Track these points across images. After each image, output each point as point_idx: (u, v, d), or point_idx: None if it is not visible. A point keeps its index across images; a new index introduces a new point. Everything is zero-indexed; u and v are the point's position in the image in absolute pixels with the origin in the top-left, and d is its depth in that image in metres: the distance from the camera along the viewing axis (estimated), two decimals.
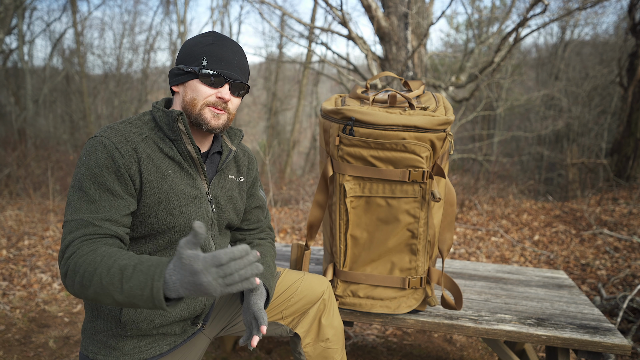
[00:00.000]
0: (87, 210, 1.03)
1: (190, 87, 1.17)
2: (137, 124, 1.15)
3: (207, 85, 1.16)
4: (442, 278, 1.62)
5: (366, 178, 1.49)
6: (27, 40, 12.23)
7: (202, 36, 1.19)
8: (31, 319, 2.69)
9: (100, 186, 1.05)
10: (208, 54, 1.16)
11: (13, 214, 5.02)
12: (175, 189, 1.14)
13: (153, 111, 1.18)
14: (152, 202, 1.11)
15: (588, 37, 12.41)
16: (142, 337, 1.17)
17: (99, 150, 1.06)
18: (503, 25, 6.43)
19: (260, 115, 17.41)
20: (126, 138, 1.10)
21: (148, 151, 1.12)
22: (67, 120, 12.83)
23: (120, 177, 1.07)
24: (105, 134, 1.09)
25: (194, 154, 1.17)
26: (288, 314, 1.44)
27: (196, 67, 1.16)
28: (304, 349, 1.44)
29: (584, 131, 10.20)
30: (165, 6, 14.98)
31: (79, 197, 1.05)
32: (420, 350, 2.37)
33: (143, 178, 1.10)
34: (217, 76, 1.16)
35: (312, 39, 6.39)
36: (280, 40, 13.81)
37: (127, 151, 1.08)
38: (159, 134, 1.15)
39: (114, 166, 1.06)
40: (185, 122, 1.14)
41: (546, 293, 1.92)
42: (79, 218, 1.02)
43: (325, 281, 1.50)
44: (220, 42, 1.18)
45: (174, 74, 1.20)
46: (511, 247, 4.12)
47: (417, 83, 1.75)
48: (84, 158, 1.07)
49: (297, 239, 4.42)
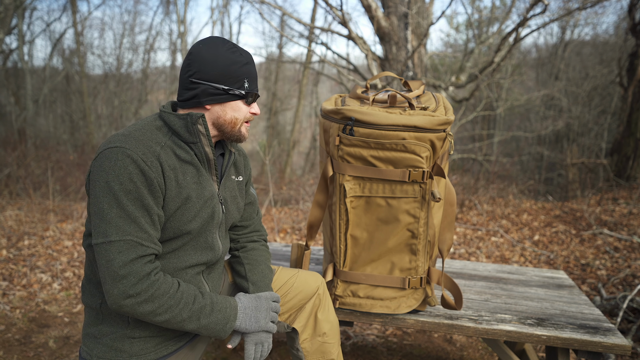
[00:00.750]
0: (133, 230, 1.05)
1: (232, 108, 1.21)
2: (152, 130, 1.14)
3: (248, 105, 1.23)
4: (442, 278, 1.62)
5: (366, 178, 1.49)
6: (27, 40, 12.24)
7: (232, 52, 1.19)
8: (31, 319, 2.69)
9: (137, 203, 1.06)
10: (248, 75, 1.20)
11: (13, 214, 5.02)
12: (192, 195, 1.15)
13: (164, 116, 1.17)
14: (172, 210, 1.12)
15: (588, 37, 12.43)
16: (150, 338, 1.18)
17: (128, 165, 1.04)
18: (503, 25, 6.43)
19: (260, 115, 17.42)
20: (149, 149, 1.09)
21: (168, 160, 1.12)
22: (67, 120, 12.83)
23: (153, 191, 1.08)
24: (127, 145, 1.06)
25: (211, 156, 1.19)
26: (285, 310, 1.46)
27: (241, 90, 1.20)
28: (302, 344, 1.46)
29: (584, 131, 10.20)
30: (165, 6, 14.99)
31: (119, 214, 1.04)
32: (420, 350, 2.37)
33: (166, 189, 1.11)
34: (256, 96, 1.24)
35: (312, 39, 6.39)
36: (280, 40, 13.81)
37: (153, 164, 1.08)
38: (173, 139, 1.15)
39: (146, 181, 1.06)
40: (206, 124, 1.16)
41: (546, 293, 1.92)
42: (129, 239, 1.04)
43: (319, 277, 1.53)
44: (250, 59, 1.22)
45: (211, 93, 1.18)
46: (511, 247, 4.12)
47: (417, 83, 1.75)
48: (112, 172, 1.04)
49: (297, 239, 4.42)
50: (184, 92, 1.19)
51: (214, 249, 1.25)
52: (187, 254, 1.20)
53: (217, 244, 1.26)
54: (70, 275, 3.32)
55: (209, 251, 1.24)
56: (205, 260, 1.24)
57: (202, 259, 1.22)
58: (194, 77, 1.17)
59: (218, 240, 1.27)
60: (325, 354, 1.46)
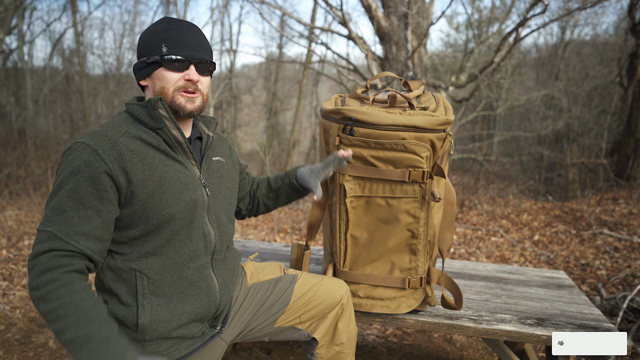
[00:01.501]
0: (57, 222, 1.03)
1: (157, 77, 1.16)
2: (116, 122, 1.14)
3: (173, 70, 1.16)
4: (442, 278, 1.62)
5: (366, 178, 1.49)
6: (27, 40, 12.24)
7: (156, 24, 1.18)
8: (31, 319, 2.69)
9: (73, 196, 1.04)
10: (166, 40, 1.15)
11: (13, 214, 5.03)
12: (166, 178, 1.13)
13: (128, 107, 1.17)
14: (146, 195, 1.10)
15: (588, 37, 12.43)
16: (161, 340, 1.15)
17: (75, 158, 1.05)
18: (503, 25, 6.43)
19: (260, 115, 17.42)
20: (104, 137, 1.08)
21: (130, 145, 1.10)
22: (67, 120, 12.83)
23: (97, 184, 1.05)
24: (82, 139, 1.08)
25: (180, 138, 1.16)
26: (306, 318, 1.43)
27: (157, 56, 1.15)
28: (317, 350, 1.44)
29: (584, 131, 10.21)
30: (165, 6, 14.98)
31: (53, 206, 1.04)
32: (420, 350, 2.37)
33: (130, 174, 1.08)
34: (180, 60, 1.15)
35: (312, 39, 6.39)
36: (280, 40, 13.81)
37: (105, 151, 1.06)
38: (139, 127, 1.14)
39: (89, 173, 1.04)
40: (166, 106, 1.13)
41: (546, 293, 1.92)
42: (49, 230, 1.02)
43: (344, 285, 1.50)
44: (176, 25, 1.17)
45: (138, 68, 1.19)
46: (511, 247, 4.12)
47: (417, 83, 1.75)
48: (61, 166, 1.07)
49: (297, 239, 4.42)
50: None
51: (204, 234, 1.21)
52: (181, 245, 1.16)
53: (206, 228, 1.22)
54: None
55: (200, 237, 1.19)
56: (201, 247, 1.19)
57: (197, 247, 1.18)
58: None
59: (208, 224, 1.22)
60: None
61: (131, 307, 1.12)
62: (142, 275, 1.12)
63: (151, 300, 1.13)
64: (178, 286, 1.16)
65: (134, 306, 1.12)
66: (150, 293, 1.13)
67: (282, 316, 1.42)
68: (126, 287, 1.12)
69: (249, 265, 1.50)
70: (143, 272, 1.13)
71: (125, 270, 1.12)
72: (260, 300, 1.42)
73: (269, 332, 1.44)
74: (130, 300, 1.12)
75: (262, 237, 4.61)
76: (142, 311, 1.11)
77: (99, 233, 1.06)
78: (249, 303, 1.41)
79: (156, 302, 1.14)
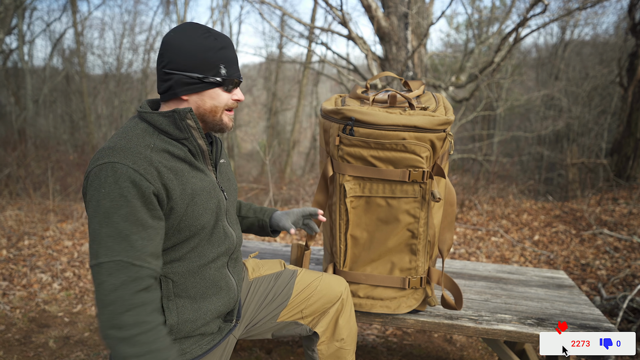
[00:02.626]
0: (123, 249, 0.99)
1: (209, 96, 1.16)
2: (137, 135, 1.09)
3: (227, 91, 1.18)
4: (442, 278, 1.62)
5: (366, 178, 1.49)
6: (27, 40, 12.24)
7: (205, 38, 1.12)
8: (31, 319, 2.69)
9: (131, 218, 1.01)
10: (224, 60, 1.14)
11: (13, 214, 5.02)
12: (196, 189, 1.14)
13: (146, 117, 1.12)
14: (183, 209, 1.10)
15: (588, 37, 12.42)
16: (185, 338, 1.18)
17: (118, 179, 1.00)
18: (503, 25, 6.43)
19: (260, 115, 17.42)
20: (139, 155, 1.04)
21: (163, 161, 1.08)
22: (67, 120, 12.83)
23: (149, 202, 1.03)
24: (115, 158, 1.02)
25: (204, 147, 1.17)
26: (308, 313, 1.45)
27: (216, 77, 1.14)
28: (318, 346, 1.45)
29: (584, 131, 10.20)
30: (165, 6, 14.98)
31: (108, 233, 0.99)
32: (420, 350, 2.37)
33: (169, 190, 1.07)
34: (233, 81, 1.18)
35: (312, 39, 6.39)
36: (280, 40, 13.81)
37: (147, 171, 1.03)
38: (162, 138, 1.11)
39: (139, 193, 1.01)
40: (194, 117, 1.13)
41: (546, 293, 1.92)
42: (118, 259, 0.98)
43: (344, 281, 1.52)
44: (226, 43, 1.16)
45: (185, 82, 1.12)
46: (511, 247, 4.12)
47: (417, 83, 1.75)
48: (102, 190, 1.00)
49: (297, 239, 4.42)
50: (160, 84, 1.15)
51: (228, 236, 1.25)
52: (205, 249, 1.19)
53: (229, 231, 1.26)
54: (70, 275, 3.32)
55: (224, 240, 1.24)
56: (224, 250, 1.24)
57: (220, 250, 1.22)
58: (167, 68, 1.12)
59: (229, 227, 1.27)
60: (340, 359, 1.46)
61: None
62: (167, 280, 1.14)
63: (176, 302, 1.15)
64: (201, 287, 1.19)
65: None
66: (175, 295, 1.15)
67: (284, 310, 1.45)
68: None
69: (250, 261, 1.54)
70: (168, 277, 1.14)
71: None
72: (263, 294, 1.45)
73: (272, 327, 1.47)
74: None
75: (262, 237, 4.60)
76: (169, 313, 1.13)
77: (160, 249, 1.08)
78: (252, 297, 1.44)
79: (181, 303, 1.16)
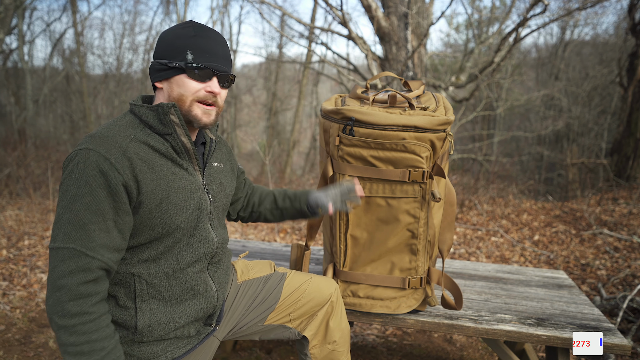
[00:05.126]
0: (78, 237, 0.99)
1: (176, 83, 1.12)
2: (121, 125, 1.09)
3: (195, 80, 1.12)
4: (442, 278, 1.62)
5: (366, 178, 1.49)
6: (27, 40, 12.24)
7: (182, 28, 1.13)
8: (31, 319, 2.69)
9: (92, 207, 1.00)
10: (192, 47, 1.10)
11: (13, 214, 5.02)
12: (173, 187, 1.11)
13: (135, 109, 1.12)
14: (153, 205, 1.08)
15: (588, 37, 12.42)
16: (159, 341, 1.15)
17: (87, 167, 1.00)
18: (503, 25, 6.43)
19: (260, 115, 17.41)
20: (114, 144, 1.03)
21: (139, 152, 1.06)
22: (67, 120, 12.83)
23: (114, 194, 1.02)
24: (91, 145, 1.02)
25: (188, 145, 1.14)
26: (296, 316, 1.43)
27: (181, 62, 1.10)
28: (311, 350, 1.44)
29: (584, 131, 10.20)
30: (165, 6, 14.97)
31: (69, 219, 0.99)
32: (420, 350, 2.37)
33: (140, 183, 1.05)
34: (204, 70, 1.11)
35: (312, 39, 6.39)
36: (280, 40, 13.81)
37: (118, 160, 1.02)
38: (145, 131, 1.10)
39: (106, 183, 1.01)
40: (178, 113, 1.10)
41: (546, 293, 1.92)
42: (71, 247, 0.98)
43: (333, 283, 1.50)
44: (203, 33, 1.13)
45: (156, 69, 1.14)
46: (511, 247, 4.12)
47: (417, 83, 1.75)
48: (72, 175, 1.00)
49: (297, 239, 4.42)
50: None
51: (208, 240, 1.21)
52: (182, 251, 1.15)
53: (210, 234, 1.21)
54: None
55: (204, 243, 1.19)
56: (203, 253, 1.19)
57: (199, 254, 1.18)
58: (152, 58, 1.15)
59: (211, 230, 1.22)
60: None
61: (129, 310, 1.11)
62: (141, 280, 1.11)
63: (150, 304, 1.12)
64: (177, 290, 1.16)
65: (132, 309, 1.11)
66: (149, 297, 1.13)
67: (272, 314, 1.43)
68: (124, 290, 1.11)
69: (239, 263, 1.51)
70: (142, 277, 1.11)
71: (124, 275, 1.11)
72: (251, 297, 1.43)
73: (259, 330, 1.44)
74: (129, 303, 1.11)
75: (262, 237, 4.61)
76: (141, 314, 1.11)
77: (118, 243, 1.05)
78: (240, 300, 1.41)
79: (155, 305, 1.13)
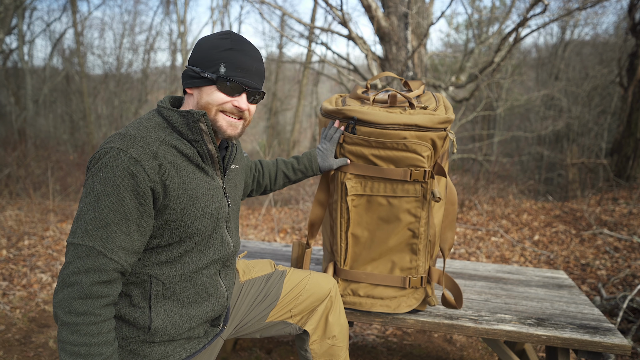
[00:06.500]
0: (99, 236, 0.99)
1: (205, 92, 1.13)
2: (150, 127, 1.09)
3: (225, 93, 1.13)
4: (443, 277, 1.62)
5: (367, 177, 1.49)
6: (27, 40, 12.24)
7: (219, 39, 1.13)
8: (31, 319, 2.68)
9: (116, 208, 1.00)
10: (226, 60, 1.11)
11: (13, 214, 5.02)
12: (197, 191, 1.12)
13: (164, 112, 1.12)
14: (179, 209, 1.08)
15: (588, 37, 12.42)
16: (170, 342, 1.16)
17: (117, 167, 1.00)
18: (503, 25, 6.43)
19: (260, 115, 17.40)
20: (145, 147, 1.03)
21: (168, 156, 1.07)
22: (67, 120, 12.82)
23: (141, 197, 1.02)
24: (122, 145, 1.02)
25: (214, 152, 1.15)
26: (297, 312, 1.45)
27: (213, 74, 1.11)
28: (310, 346, 1.45)
29: (584, 131, 10.20)
30: (165, 6, 14.98)
31: (91, 217, 0.99)
32: (420, 350, 2.37)
33: (168, 187, 1.06)
34: (235, 84, 1.13)
35: (312, 39, 6.39)
36: (280, 40, 13.81)
37: (148, 163, 1.02)
38: (173, 135, 1.11)
39: (134, 185, 1.01)
40: (208, 122, 1.11)
41: (546, 293, 1.92)
42: (90, 245, 0.98)
43: (332, 279, 1.52)
44: (239, 47, 1.13)
45: (189, 75, 1.15)
46: (511, 247, 4.12)
47: (417, 83, 1.75)
48: (100, 173, 1.00)
49: (297, 239, 4.43)
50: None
51: (225, 244, 1.23)
52: (200, 254, 1.17)
53: (226, 238, 1.24)
54: None
55: (221, 247, 1.21)
56: (218, 257, 1.21)
57: (214, 257, 1.20)
58: (187, 63, 1.17)
59: (227, 234, 1.24)
60: (333, 357, 1.46)
61: (143, 310, 1.12)
62: (158, 281, 1.12)
63: (164, 305, 1.13)
64: (191, 292, 1.17)
65: (146, 309, 1.12)
66: (164, 298, 1.14)
67: (273, 310, 1.45)
68: (139, 290, 1.12)
69: (240, 263, 1.53)
70: (159, 279, 1.12)
71: (140, 275, 1.11)
72: (254, 296, 1.45)
73: (261, 328, 1.46)
74: (143, 303, 1.12)
75: (262, 237, 4.61)
76: (155, 315, 1.12)
77: (137, 247, 1.05)
78: (242, 300, 1.43)
79: (169, 306, 1.14)
